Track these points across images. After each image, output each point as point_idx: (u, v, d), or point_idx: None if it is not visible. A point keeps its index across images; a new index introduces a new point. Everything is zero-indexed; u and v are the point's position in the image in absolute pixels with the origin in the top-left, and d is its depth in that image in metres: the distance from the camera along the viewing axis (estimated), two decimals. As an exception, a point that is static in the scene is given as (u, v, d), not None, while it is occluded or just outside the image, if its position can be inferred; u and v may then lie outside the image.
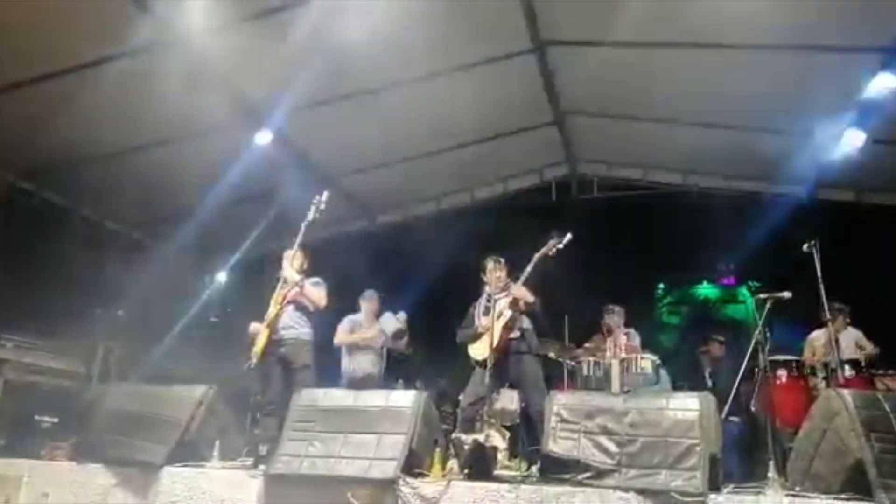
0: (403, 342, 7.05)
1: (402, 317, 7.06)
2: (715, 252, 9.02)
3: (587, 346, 7.20)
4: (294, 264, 5.40)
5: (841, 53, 6.03)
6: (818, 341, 6.69)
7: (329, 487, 3.77)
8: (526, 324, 5.18)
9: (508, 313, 5.06)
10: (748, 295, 9.16)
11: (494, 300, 5.03)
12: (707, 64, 6.54)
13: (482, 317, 5.20)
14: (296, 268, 5.40)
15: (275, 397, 5.12)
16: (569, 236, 5.22)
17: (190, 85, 5.93)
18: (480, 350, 5.00)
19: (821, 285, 4.85)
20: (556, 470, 3.66)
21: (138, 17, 5.55)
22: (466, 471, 3.86)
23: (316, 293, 5.40)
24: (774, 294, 4.80)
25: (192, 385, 4.74)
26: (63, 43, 5.76)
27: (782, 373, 6.13)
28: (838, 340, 5.89)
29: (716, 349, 7.99)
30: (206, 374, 6.45)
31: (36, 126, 6.51)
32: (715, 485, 3.38)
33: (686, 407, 3.64)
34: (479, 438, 4.00)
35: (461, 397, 5.58)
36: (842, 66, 6.16)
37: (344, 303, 6.80)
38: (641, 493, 3.37)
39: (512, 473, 4.16)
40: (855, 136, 6.98)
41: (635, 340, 6.87)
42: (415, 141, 8.22)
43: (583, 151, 9.46)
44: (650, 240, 8.47)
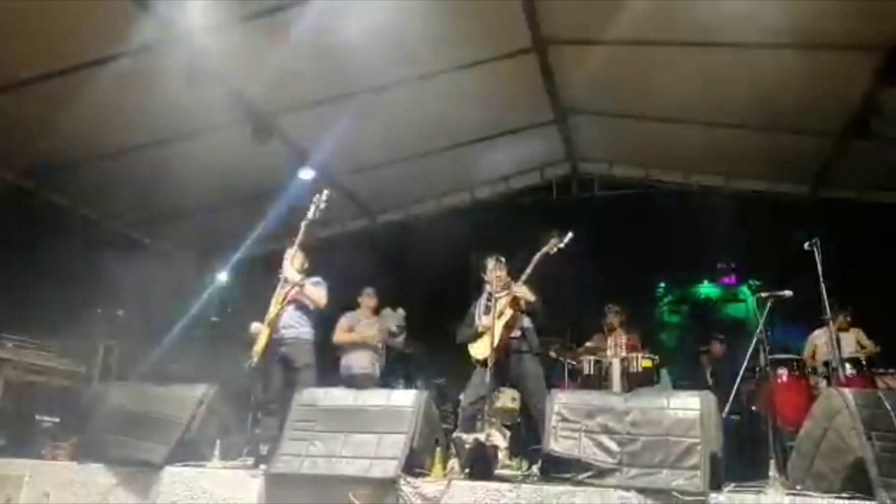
0: (401, 340, 7.05)
1: (401, 313, 7.06)
2: (716, 251, 9.02)
3: (588, 345, 7.21)
4: (294, 264, 5.40)
5: (842, 52, 6.03)
6: (819, 340, 6.71)
7: (330, 487, 3.77)
8: (527, 323, 5.18)
9: (509, 312, 5.06)
10: (749, 294, 9.16)
11: (495, 299, 5.02)
12: (708, 62, 6.52)
13: (483, 316, 5.20)
14: (296, 267, 5.40)
15: (275, 396, 5.13)
16: (570, 235, 5.23)
17: (190, 84, 5.93)
18: (481, 349, 5.00)
19: (822, 284, 4.84)
20: (557, 469, 3.65)
21: (139, 16, 5.55)
22: (467, 470, 3.87)
23: (316, 292, 5.41)
24: (775, 293, 4.80)
25: (193, 384, 4.74)
26: (63, 43, 5.75)
27: (783, 372, 6.14)
28: (839, 339, 5.88)
29: (716, 348, 8.02)
30: (206, 373, 6.47)
31: (36, 126, 6.50)
32: (716, 484, 3.38)
33: (687, 406, 3.64)
34: (479, 438, 4.00)
35: (462, 396, 5.59)
36: (843, 64, 6.15)
37: (345, 302, 6.81)
38: (642, 492, 3.37)
39: (513, 473, 4.15)
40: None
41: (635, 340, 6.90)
42: (415, 140, 8.20)
43: (584, 150, 9.44)
44: (651, 238, 8.45)
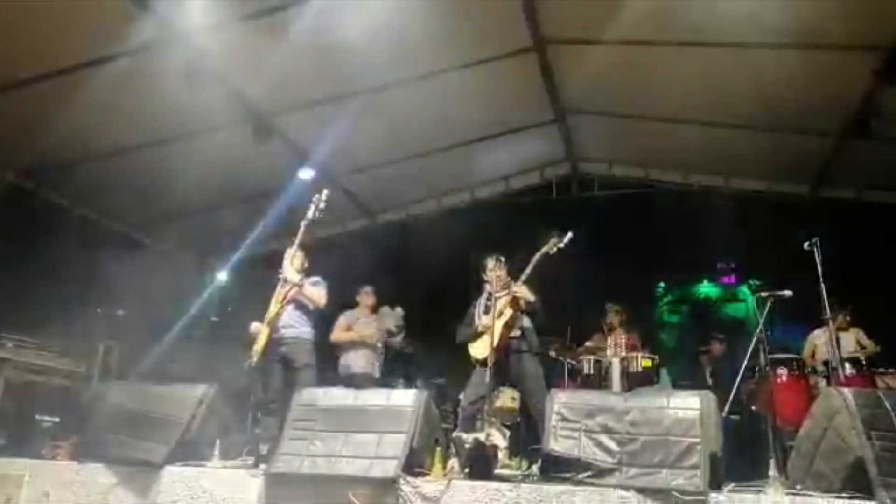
0: (399, 339, 7.05)
1: (399, 312, 7.06)
2: (715, 251, 9.01)
3: (588, 344, 7.21)
4: (294, 263, 5.40)
5: (842, 52, 6.03)
6: (819, 340, 6.71)
7: (330, 486, 3.76)
8: (526, 322, 5.18)
9: (509, 312, 5.06)
10: (749, 293, 9.15)
11: (495, 299, 5.02)
12: (708, 62, 6.53)
13: (483, 315, 5.20)
14: (296, 267, 5.40)
15: (275, 396, 5.13)
16: (570, 235, 5.23)
17: (189, 84, 5.92)
18: (481, 349, 5.00)
19: (821, 284, 4.84)
20: (557, 469, 3.65)
21: (138, 15, 5.54)
22: (467, 470, 3.86)
23: (316, 292, 5.41)
24: (775, 292, 4.79)
25: (193, 384, 4.73)
26: (62, 42, 5.75)
27: (783, 371, 6.14)
28: (839, 339, 5.89)
29: (716, 348, 8.02)
30: (206, 373, 6.47)
31: (35, 126, 6.49)
32: (716, 483, 3.38)
33: (687, 406, 3.63)
34: (479, 437, 4.00)
35: (461, 396, 5.59)
36: (843, 64, 6.15)
37: (344, 302, 6.81)
38: (642, 491, 3.36)
39: (512, 472, 4.15)
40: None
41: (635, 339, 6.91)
42: (415, 139, 8.20)
43: (584, 150, 9.44)
44: (651, 238, 8.45)
